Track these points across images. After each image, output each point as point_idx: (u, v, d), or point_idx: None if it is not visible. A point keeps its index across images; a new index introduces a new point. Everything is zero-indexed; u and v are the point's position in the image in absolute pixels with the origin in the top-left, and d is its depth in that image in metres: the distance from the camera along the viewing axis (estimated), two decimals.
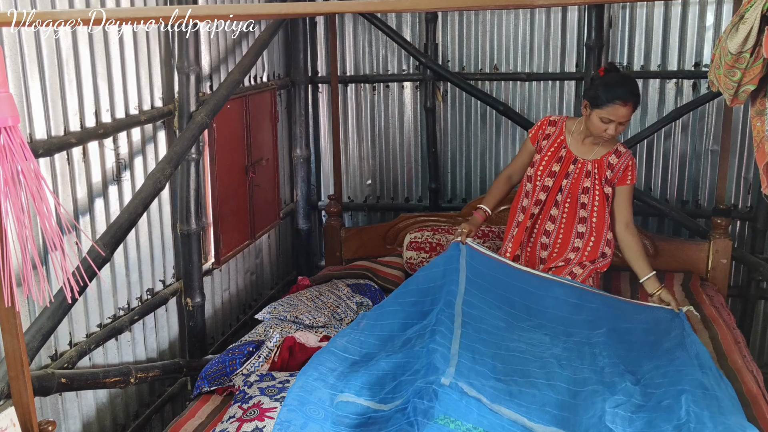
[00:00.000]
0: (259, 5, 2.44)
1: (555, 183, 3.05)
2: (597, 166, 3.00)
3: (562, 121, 3.10)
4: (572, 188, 3.02)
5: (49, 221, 1.51)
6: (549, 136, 3.09)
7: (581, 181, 3.01)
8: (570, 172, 3.02)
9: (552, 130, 3.10)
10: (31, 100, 2.22)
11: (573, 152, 3.04)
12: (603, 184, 3.00)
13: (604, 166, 3.00)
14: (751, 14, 1.71)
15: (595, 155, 3.02)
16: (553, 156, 3.06)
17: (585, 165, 3.01)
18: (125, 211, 2.60)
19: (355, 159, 4.46)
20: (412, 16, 4.20)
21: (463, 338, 2.45)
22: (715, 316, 3.17)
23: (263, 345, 2.81)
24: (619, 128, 2.89)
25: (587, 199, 3.01)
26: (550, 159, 3.06)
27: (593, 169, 3.00)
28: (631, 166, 3.02)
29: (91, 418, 2.64)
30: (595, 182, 3.00)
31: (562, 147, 3.05)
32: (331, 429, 2.13)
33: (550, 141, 3.08)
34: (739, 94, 1.88)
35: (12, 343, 1.71)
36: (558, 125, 3.10)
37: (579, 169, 3.01)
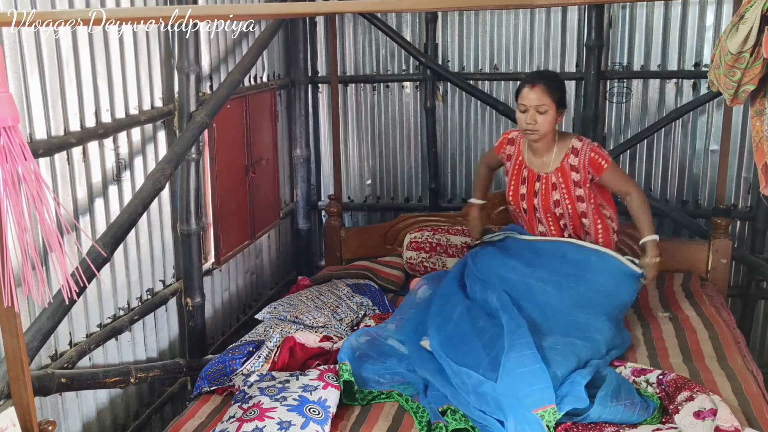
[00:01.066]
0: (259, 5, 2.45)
1: (528, 204, 3.05)
2: (560, 174, 2.95)
3: (518, 139, 3.08)
4: (544, 205, 3.01)
5: (48, 221, 1.51)
6: (510, 156, 3.10)
7: (550, 196, 2.97)
8: (537, 190, 2.99)
9: (511, 150, 3.10)
10: (31, 100, 2.22)
11: (533, 169, 3.01)
12: (573, 191, 2.95)
13: (567, 172, 2.94)
14: (751, 14, 1.70)
15: (555, 163, 2.96)
16: (518, 178, 3.06)
17: (549, 178, 2.97)
18: (125, 211, 2.60)
19: (355, 159, 4.46)
20: (412, 16, 4.20)
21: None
22: (715, 316, 3.17)
23: (263, 345, 2.81)
24: (537, 117, 2.82)
25: (561, 210, 3.00)
26: (516, 182, 3.06)
27: (557, 180, 2.95)
28: (594, 154, 2.91)
29: (91, 418, 2.64)
30: (563, 192, 2.95)
31: (523, 167, 3.04)
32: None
33: (512, 162, 3.09)
34: (739, 94, 1.88)
35: (12, 343, 1.71)
36: (516, 143, 3.09)
37: (544, 184, 2.98)
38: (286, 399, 2.34)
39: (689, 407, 2.29)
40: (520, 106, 2.87)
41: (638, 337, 3.01)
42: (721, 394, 2.43)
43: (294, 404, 2.31)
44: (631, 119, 4.07)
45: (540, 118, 2.83)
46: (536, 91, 2.82)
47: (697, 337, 2.95)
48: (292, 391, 2.40)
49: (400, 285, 3.73)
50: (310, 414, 2.28)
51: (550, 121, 2.86)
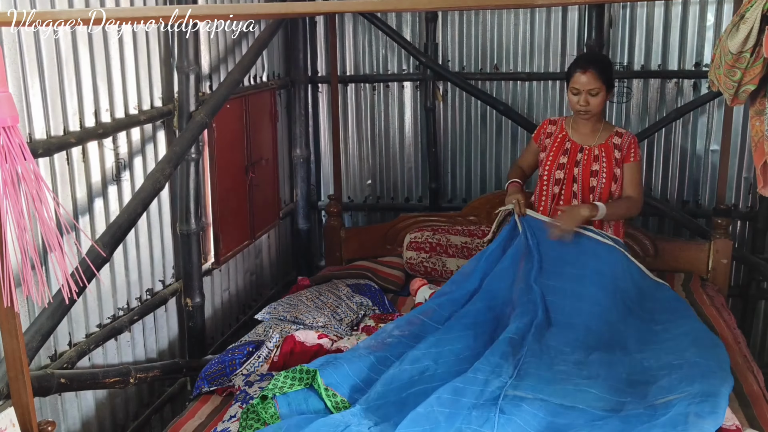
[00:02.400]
0: (259, 5, 2.44)
1: (567, 174, 3.09)
2: (603, 149, 3.08)
3: (561, 120, 3.22)
4: (584, 174, 3.08)
5: (48, 221, 1.50)
6: (551, 134, 3.19)
7: (590, 166, 3.08)
8: (579, 160, 3.09)
9: (553, 129, 3.21)
10: (30, 100, 2.22)
11: (577, 141, 3.12)
12: (613, 166, 3.06)
13: (611, 148, 3.08)
14: (752, 14, 1.70)
15: (599, 140, 3.10)
16: (559, 149, 3.13)
17: (592, 150, 3.09)
18: (125, 211, 2.60)
19: (355, 159, 4.45)
20: (412, 16, 4.20)
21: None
22: (716, 316, 3.16)
23: (263, 345, 2.81)
24: (589, 99, 2.97)
25: (596, 182, 3.06)
26: (556, 153, 3.13)
27: (600, 153, 3.08)
28: (633, 144, 3.10)
29: (91, 418, 2.64)
30: (603, 165, 3.06)
31: (566, 140, 3.14)
32: None
33: (553, 137, 3.17)
34: (740, 93, 1.88)
35: (11, 343, 1.71)
36: (558, 123, 3.22)
37: (587, 156, 3.09)
38: None
39: None
40: (572, 89, 3.00)
41: None
42: None
43: None
44: (631, 119, 4.06)
45: (592, 99, 2.98)
46: (588, 76, 2.94)
47: None
48: None
49: (400, 285, 3.73)
50: None
51: (601, 101, 3.01)
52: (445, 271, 3.73)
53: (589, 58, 3.09)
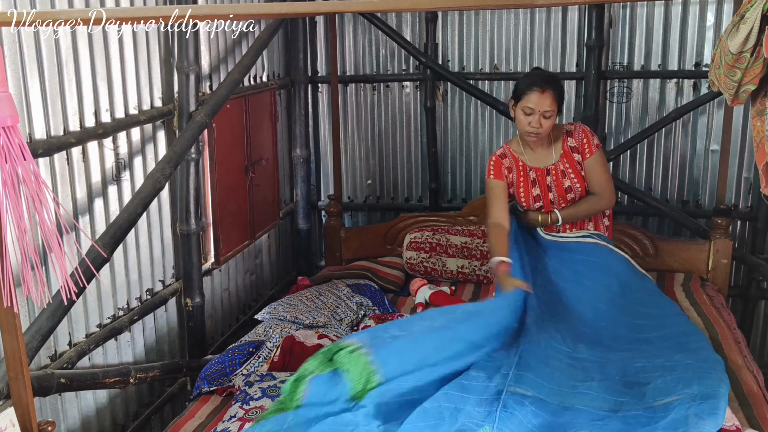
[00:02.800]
0: (259, 5, 2.44)
1: (544, 200, 3.04)
2: (565, 159, 2.99)
3: (507, 150, 3.07)
4: (560, 195, 3.02)
5: (48, 222, 1.50)
6: (511, 168, 3.04)
7: (562, 184, 3.00)
8: (549, 184, 3.00)
9: (508, 162, 3.05)
10: (30, 100, 2.22)
11: (539, 166, 3.00)
12: (579, 170, 2.99)
13: (570, 154, 2.98)
14: (752, 14, 1.70)
15: (557, 152, 3.00)
16: (527, 182, 3.03)
17: (557, 167, 2.99)
18: (125, 211, 2.60)
19: (355, 159, 4.45)
20: (412, 16, 4.20)
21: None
22: (716, 316, 3.16)
23: (263, 345, 2.81)
24: (543, 121, 2.82)
25: (573, 194, 3.02)
26: (526, 187, 3.03)
27: (565, 167, 2.99)
28: (585, 136, 2.97)
29: (91, 418, 2.64)
30: (572, 176, 2.99)
31: (528, 170, 3.01)
32: None
33: (514, 172, 3.03)
34: (740, 94, 1.88)
35: (11, 343, 1.71)
36: (507, 155, 3.05)
37: (554, 175, 2.99)
38: None
39: None
40: (525, 109, 2.83)
41: None
42: None
43: None
44: (631, 119, 4.06)
45: (545, 122, 2.84)
46: (546, 97, 2.80)
47: None
48: None
49: (400, 285, 3.73)
50: None
51: (552, 123, 2.88)
52: (445, 271, 3.73)
53: (546, 77, 2.88)
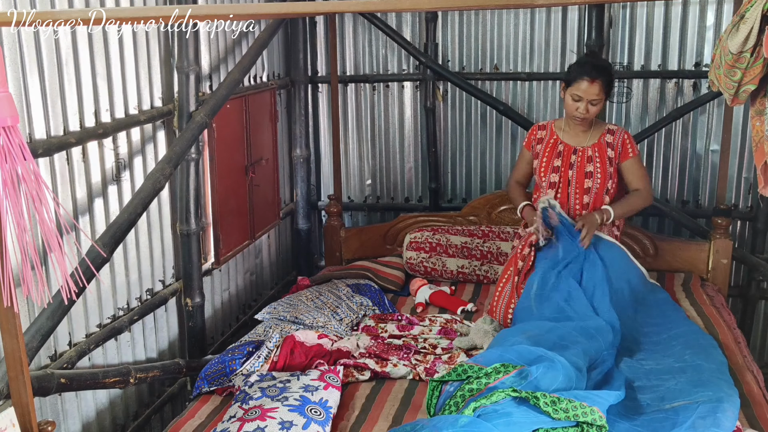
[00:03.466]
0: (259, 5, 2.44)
1: (562, 177, 3.09)
2: (597, 149, 3.08)
3: (550, 124, 3.22)
4: (578, 176, 3.08)
5: (48, 221, 1.50)
6: (542, 140, 3.19)
7: (584, 167, 3.08)
8: (573, 162, 3.09)
9: (543, 134, 3.20)
10: (30, 100, 2.22)
11: (570, 143, 3.11)
12: (607, 165, 3.06)
13: (604, 147, 3.07)
14: (752, 14, 1.70)
15: (591, 140, 3.09)
16: (552, 153, 3.12)
17: (585, 152, 3.09)
18: (125, 211, 2.60)
19: (355, 159, 4.45)
20: (412, 16, 4.20)
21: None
22: (716, 316, 3.16)
23: (263, 345, 2.81)
24: (590, 108, 2.95)
25: (591, 183, 3.07)
26: (549, 157, 3.12)
27: (594, 153, 3.08)
28: (627, 139, 3.10)
29: (91, 418, 2.64)
30: (597, 165, 3.06)
31: (558, 143, 3.13)
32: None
33: (544, 142, 3.17)
34: (740, 93, 1.88)
35: (11, 343, 1.71)
36: (547, 128, 3.21)
37: (580, 157, 3.09)
38: (288, 399, 2.33)
39: None
40: (574, 95, 2.95)
41: None
42: None
43: (295, 404, 2.31)
44: (631, 119, 4.06)
45: (592, 108, 2.96)
46: (596, 86, 2.91)
47: None
48: (293, 391, 2.40)
49: (400, 285, 3.73)
50: (312, 414, 2.28)
51: (599, 109, 3.00)
52: (445, 271, 3.73)
53: (597, 66, 2.98)
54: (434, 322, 3.17)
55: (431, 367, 2.73)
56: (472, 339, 2.92)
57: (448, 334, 3.04)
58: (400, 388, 2.65)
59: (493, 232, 3.79)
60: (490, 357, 2.38)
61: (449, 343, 2.96)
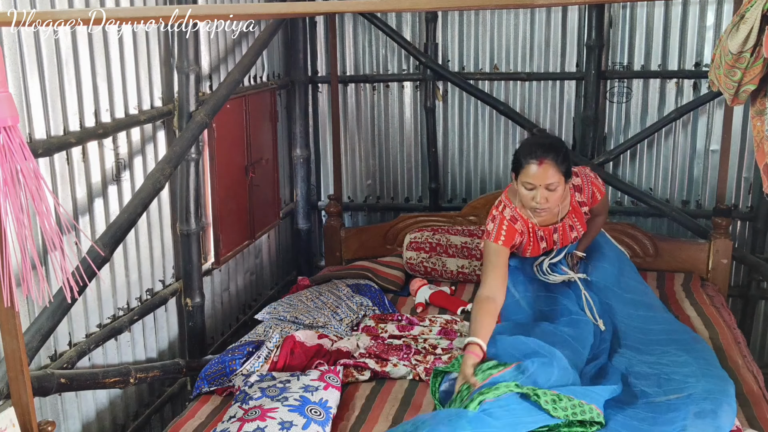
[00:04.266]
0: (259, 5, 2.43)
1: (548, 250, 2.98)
2: (573, 215, 2.83)
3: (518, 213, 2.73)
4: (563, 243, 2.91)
5: (48, 221, 1.50)
6: (522, 233, 2.76)
7: (569, 237, 2.87)
8: (556, 239, 2.85)
9: (520, 227, 2.73)
10: (30, 100, 2.22)
11: (546, 225, 2.81)
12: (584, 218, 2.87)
13: (578, 209, 2.82)
14: (752, 14, 1.70)
15: (565, 209, 2.78)
16: (535, 241, 2.84)
17: (565, 224, 2.82)
18: (125, 211, 2.60)
19: (355, 159, 4.45)
20: (412, 16, 4.20)
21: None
22: (716, 316, 3.17)
23: (263, 345, 2.81)
24: (548, 195, 2.52)
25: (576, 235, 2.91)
26: (534, 245, 2.86)
27: (573, 221, 2.84)
28: (593, 186, 2.79)
29: (91, 418, 2.64)
30: (578, 227, 2.86)
31: (537, 230, 2.80)
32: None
33: (525, 237, 2.80)
34: (740, 93, 1.88)
35: (11, 343, 1.71)
36: (518, 218, 2.73)
37: (562, 231, 2.85)
38: (287, 399, 2.34)
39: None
40: (526, 184, 2.53)
41: None
42: None
43: (295, 405, 2.31)
44: (631, 119, 4.06)
45: (551, 195, 2.53)
46: (544, 168, 2.47)
47: None
48: (293, 391, 2.40)
49: (400, 285, 3.73)
50: (312, 415, 2.28)
51: (561, 194, 2.57)
52: (445, 271, 3.73)
53: (542, 144, 2.53)
54: (434, 322, 3.17)
55: (431, 367, 2.73)
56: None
57: (448, 335, 3.03)
58: (400, 388, 2.65)
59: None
60: (487, 351, 2.43)
61: (449, 343, 2.96)
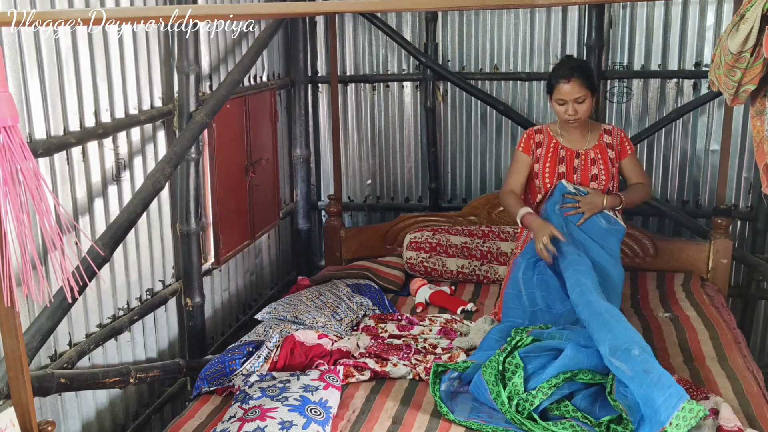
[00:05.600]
0: (259, 5, 2.44)
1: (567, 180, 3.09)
2: (598, 151, 3.10)
3: (545, 128, 3.20)
4: (583, 180, 3.08)
5: (48, 221, 1.50)
6: (540, 144, 3.15)
7: (589, 171, 3.08)
8: (576, 166, 3.08)
9: (540, 138, 3.16)
10: (30, 100, 2.22)
11: (570, 148, 3.10)
12: (610, 165, 3.09)
13: (604, 148, 3.10)
14: (752, 14, 1.70)
15: (591, 142, 3.11)
16: (554, 158, 3.10)
17: (588, 154, 3.09)
18: (125, 211, 2.60)
19: (355, 159, 4.45)
20: (412, 16, 4.20)
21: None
22: (716, 316, 3.17)
23: (263, 345, 2.81)
24: (577, 107, 2.96)
25: (596, 184, 3.08)
26: (552, 163, 3.10)
27: (596, 156, 3.09)
28: (624, 137, 3.16)
29: (91, 418, 2.64)
30: (601, 167, 3.08)
31: (559, 147, 3.11)
32: None
33: (544, 147, 3.13)
34: (740, 93, 1.88)
35: (11, 343, 1.71)
36: (544, 132, 3.17)
37: (584, 160, 3.08)
38: (287, 399, 2.33)
39: None
40: (558, 100, 2.98)
41: None
42: (721, 395, 2.44)
43: (295, 404, 2.31)
44: (631, 119, 4.07)
45: (580, 107, 2.96)
46: (573, 85, 2.92)
47: (697, 338, 2.95)
48: (293, 391, 2.40)
49: (400, 285, 3.73)
50: (312, 414, 2.28)
51: (589, 107, 3.00)
52: (445, 271, 3.73)
53: (570, 65, 3.00)
54: (434, 322, 3.17)
55: (431, 366, 2.73)
56: (472, 339, 2.93)
57: (448, 334, 3.04)
58: (400, 388, 2.65)
59: (493, 232, 3.79)
60: (482, 357, 2.53)
61: (449, 343, 2.96)
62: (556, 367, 2.35)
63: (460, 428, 2.36)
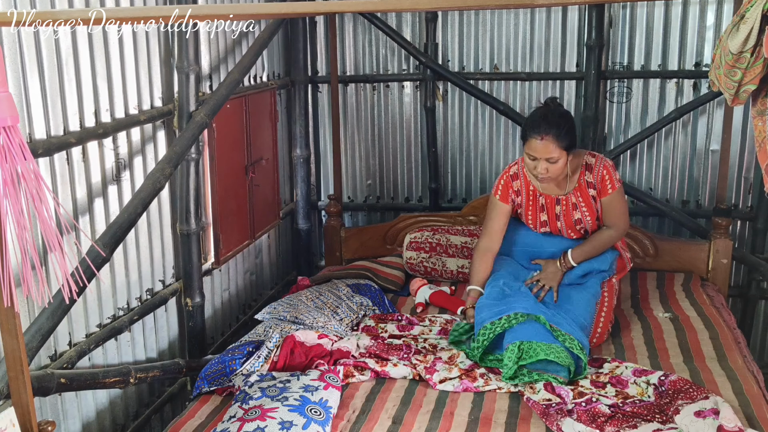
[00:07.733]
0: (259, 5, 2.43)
1: (551, 228, 3.03)
2: (579, 193, 2.91)
3: (521, 171, 2.99)
4: (568, 225, 2.99)
5: (48, 221, 1.50)
6: (518, 192, 2.99)
7: (571, 216, 2.95)
8: (558, 213, 2.95)
9: (518, 185, 3.00)
10: (30, 100, 2.21)
11: (551, 194, 2.94)
12: (593, 205, 2.93)
13: (585, 189, 2.90)
14: (752, 14, 1.70)
15: (571, 185, 2.90)
16: (535, 207, 2.98)
17: (569, 199, 2.93)
18: (125, 211, 2.60)
19: (355, 159, 4.46)
20: (412, 16, 4.20)
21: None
22: (716, 316, 3.17)
23: (263, 345, 2.81)
24: (549, 167, 2.73)
25: (582, 226, 3.00)
26: (534, 211, 2.99)
27: (577, 199, 2.92)
28: (607, 173, 2.88)
29: (91, 418, 2.64)
30: (584, 209, 2.93)
31: (537, 195, 2.94)
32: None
33: (523, 195, 2.97)
34: (740, 94, 1.88)
35: (11, 343, 1.71)
36: (519, 176, 2.99)
37: (565, 206, 2.93)
38: (288, 399, 2.34)
39: (690, 408, 2.29)
40: (529, 155, 2.75)
41: (638, 337, 3.01)
42: (721, 395, 2.44)
43: (295, 404, 2.31)
44: (631, 119, 4.07)
45: (552, 167, 2.75)
46: (546, 144, 2.69)
47: (697, 338, 2.95)
48: (293, 391, 2.40)
49: (400, 285, 3.73)
50: (312, 414, 2.28)
51: (563, 166, 2.77)
52: (445, 271, 3.73)
53: (548, 120, 2.72)
54: (434, 322, 3.17)
55: (431, 367, 2.73)
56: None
57: (448, 334, 3.03)
58: (400, 388, 2.66)
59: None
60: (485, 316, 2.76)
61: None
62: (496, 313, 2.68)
63: (462, 426, 2.37)
